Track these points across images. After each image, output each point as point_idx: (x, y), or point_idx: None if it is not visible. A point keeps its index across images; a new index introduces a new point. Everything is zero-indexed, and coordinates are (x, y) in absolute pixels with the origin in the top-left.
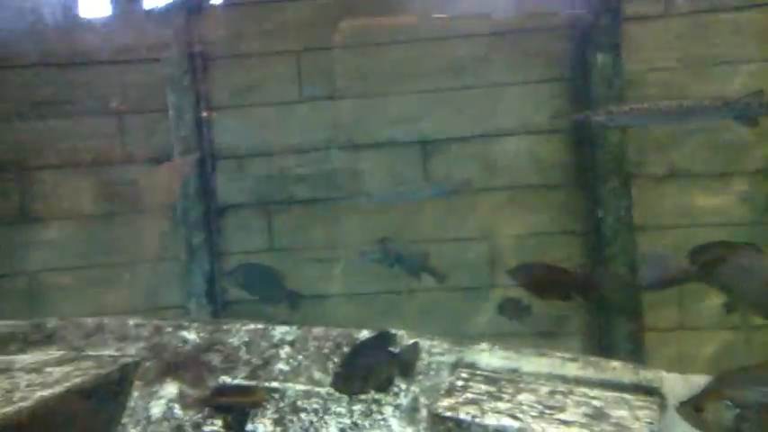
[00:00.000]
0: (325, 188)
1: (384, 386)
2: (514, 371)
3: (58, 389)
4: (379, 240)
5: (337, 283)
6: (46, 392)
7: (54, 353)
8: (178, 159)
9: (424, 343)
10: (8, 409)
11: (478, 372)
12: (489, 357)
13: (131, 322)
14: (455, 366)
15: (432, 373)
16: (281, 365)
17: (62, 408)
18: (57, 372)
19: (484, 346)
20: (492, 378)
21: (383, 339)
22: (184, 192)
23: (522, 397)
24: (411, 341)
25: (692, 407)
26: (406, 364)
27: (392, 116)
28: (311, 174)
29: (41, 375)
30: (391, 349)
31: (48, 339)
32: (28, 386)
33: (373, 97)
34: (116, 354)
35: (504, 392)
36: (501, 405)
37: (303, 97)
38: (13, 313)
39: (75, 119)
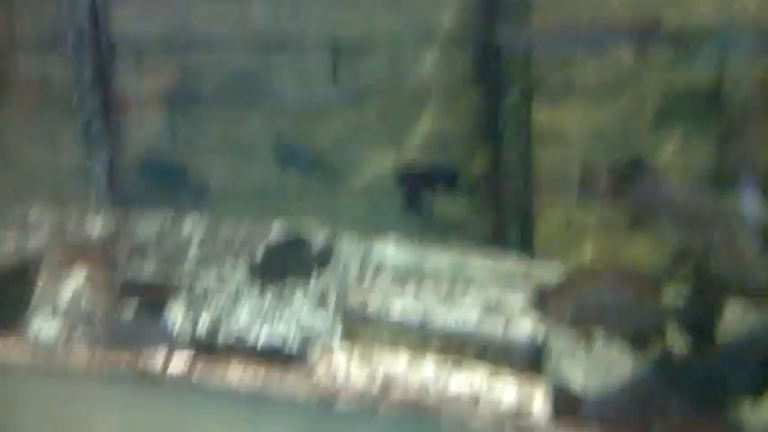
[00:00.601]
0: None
1: (305, 277)
2: (419, 264)
3: None
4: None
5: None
6: None
7: None
8: None
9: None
10: None
11: (386, 265)
12: (396, 251)
13: (32, 211)
14: (363, 259)
15: (341, 266)
16: (193, 254)
17: None
18: None
19: (391, 240)
20: (398, 271)
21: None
22: (79, 79)
23: (426, 287)
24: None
25: (539, 298)
26: (322, 259)
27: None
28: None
29: None
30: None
31: None
32: None
33: None
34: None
35: (408, 284)
36: (406, 295)
37: None
38: None
39: None
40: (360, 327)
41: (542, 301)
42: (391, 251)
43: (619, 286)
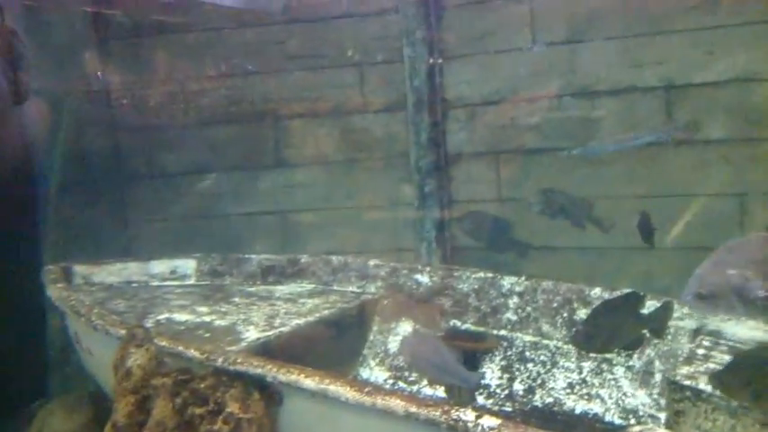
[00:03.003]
0: (556, 137)
1: (633, 346)
2: (764, 343)
3: (310, 318)
4: (542, 190)
5: (566, 235)
6: (301, 321)
7: (306, 286)
8: None
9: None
10: (271, 333)
11: (723, 341)
12: (735, 326)
13: (371, 263)
14: (696, 333)
15: (669, 337)
16: (510, 315)
17: (313, 335)
18: (309, 303)
19: None
20: (737, 350)
21: (631, 300)
22: (417, 140)
23: None
24: (662, 301)
25: None
26: (657, 326)
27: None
28: (542, 122)
29: (296, 305)
30: (640, 310)
31: (300, 273)
32: (286, 314)
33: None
34: (358, 290)
35: None
36: None
37: (537, 42)
38: (267, 248)
39: (320, 72)
40: (689, 406)
41: None
42: (731, 324)
43: None
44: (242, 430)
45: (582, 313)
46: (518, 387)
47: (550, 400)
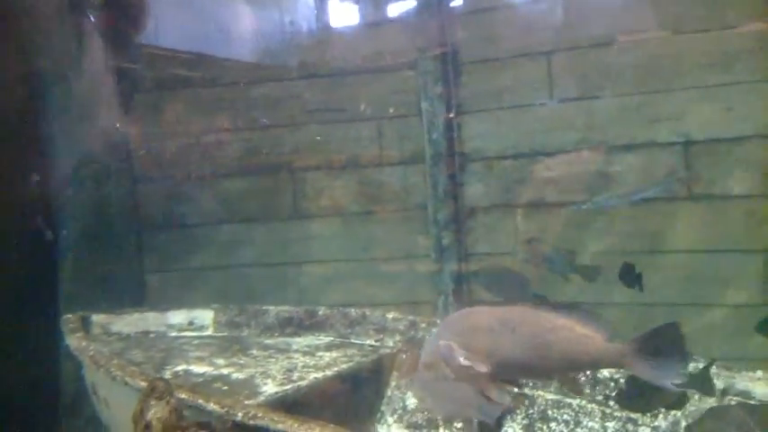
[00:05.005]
0: (573, 191)
1: (677, 405)
2: None
3: (328, 372)
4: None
5: (586, 290)
6: (319, 374)
7: (323, 338)
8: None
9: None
10: (289, 387)
11: (751, 401)
12: (766, 387)
13: (389, 316)
14: (724, 393)
15: (696, 397)
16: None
17: (331, 389)
18: (327, 356)
19: (760, 374)
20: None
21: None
22: (434, 193)
23: None
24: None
25: None
26: (704, 384)
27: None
28: (560, 176)
29: (314, 358)
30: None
31: (318, 325)
32: (303, 367)
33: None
34: (376, 344)
35: None
36: None
37: (554, 98)
38: (284, 299)
39: (337, 125)
40: None
41: None
42: (761, 385)
43: None
44: None
45: (605, 371)
46: None
47: None
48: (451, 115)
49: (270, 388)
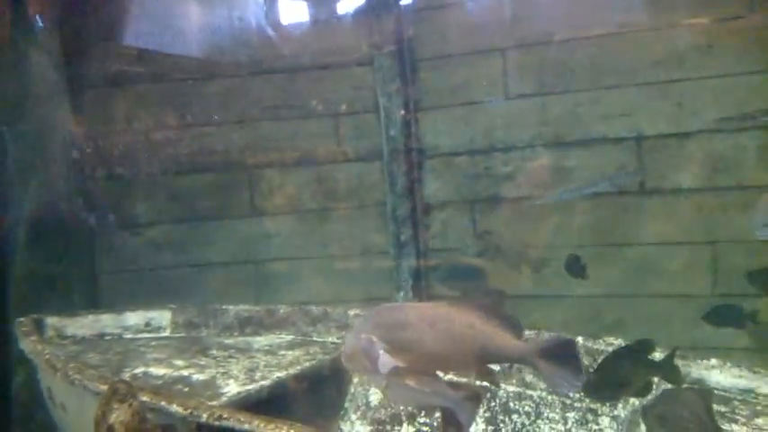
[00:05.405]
0: (529, 186)
1: (642, 393)
2: (749, 391)
3: (291, 371)
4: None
5: (543, 283)
6: (281, 373)
7: (285, 337)
8: None
9: None
10: (251, 387)
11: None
12: (719, 375)
13: (351, 312)
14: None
15: (654, 386)
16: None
17: (295, 388)
18: (289, 355)
19: (714, 362)
20: (723, 397)
21: (641, 347)
22: (393, 189)
23: (761, 421)
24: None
25: None
26: (670, 371)
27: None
28: (515, 172)
29: (276, 357)
30: (649, 357)
31: (278, 323)
32: (266, 366)
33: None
34: (338, 341)
35: (737, 414)
36: (736, 427)
37: (509, 95)
38: (242, 298)
39: (294, 122)
40: None
41: None
42: (715, 373)
43: None
44: None
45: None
46: None
47: None
48: (403, 112)
49: (232, 388)
